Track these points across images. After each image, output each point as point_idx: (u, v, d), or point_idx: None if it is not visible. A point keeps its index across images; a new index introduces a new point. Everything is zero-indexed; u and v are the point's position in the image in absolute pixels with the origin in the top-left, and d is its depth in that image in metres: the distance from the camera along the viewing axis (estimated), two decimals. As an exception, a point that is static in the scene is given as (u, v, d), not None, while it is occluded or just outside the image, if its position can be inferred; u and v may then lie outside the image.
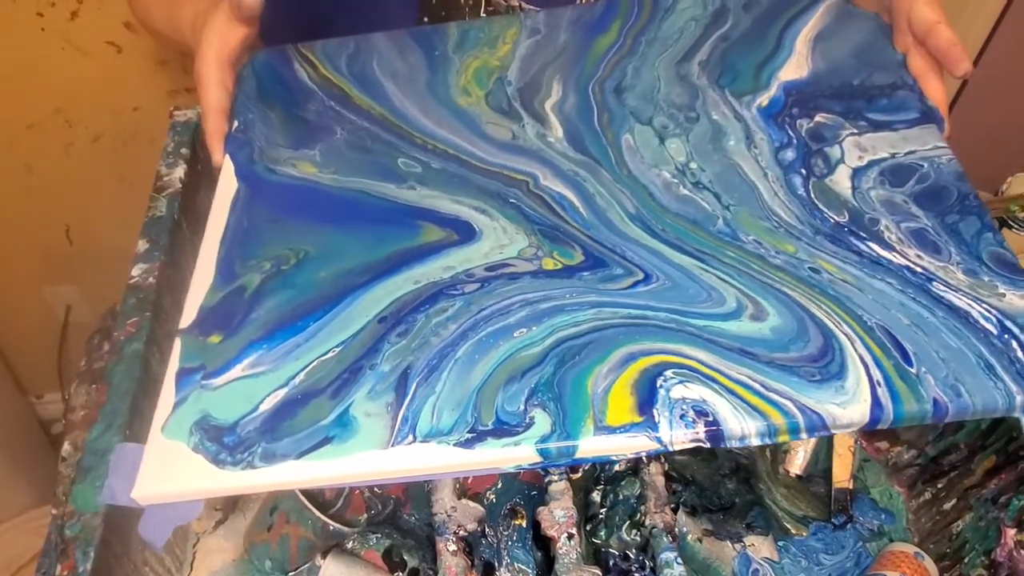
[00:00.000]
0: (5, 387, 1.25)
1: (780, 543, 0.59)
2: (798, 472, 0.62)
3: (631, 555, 0.56)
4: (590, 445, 0.38)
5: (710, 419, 0.38)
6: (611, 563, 0.56)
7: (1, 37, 0.89)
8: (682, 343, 0.42)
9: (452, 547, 0.54)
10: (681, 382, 0.39)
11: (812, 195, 0.48)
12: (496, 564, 0.56)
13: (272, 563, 0.56)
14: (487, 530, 0.57)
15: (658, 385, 0.39)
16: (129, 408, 0.48)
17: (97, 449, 0.46)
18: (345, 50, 0.58)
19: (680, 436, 0.38)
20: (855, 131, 0.51)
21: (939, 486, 0.61)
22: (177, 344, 0.43)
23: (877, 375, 0.39)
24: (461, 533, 0.56)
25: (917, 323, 0.42)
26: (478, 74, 0.56)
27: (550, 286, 0.44)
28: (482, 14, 0.65)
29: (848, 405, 0.38)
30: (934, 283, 0.43)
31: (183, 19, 0.59)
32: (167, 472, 0.38)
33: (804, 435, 0.39)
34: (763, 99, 0.53)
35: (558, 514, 0.55)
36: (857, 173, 0.49)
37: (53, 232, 1.13)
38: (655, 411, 0.38)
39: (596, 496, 0.59)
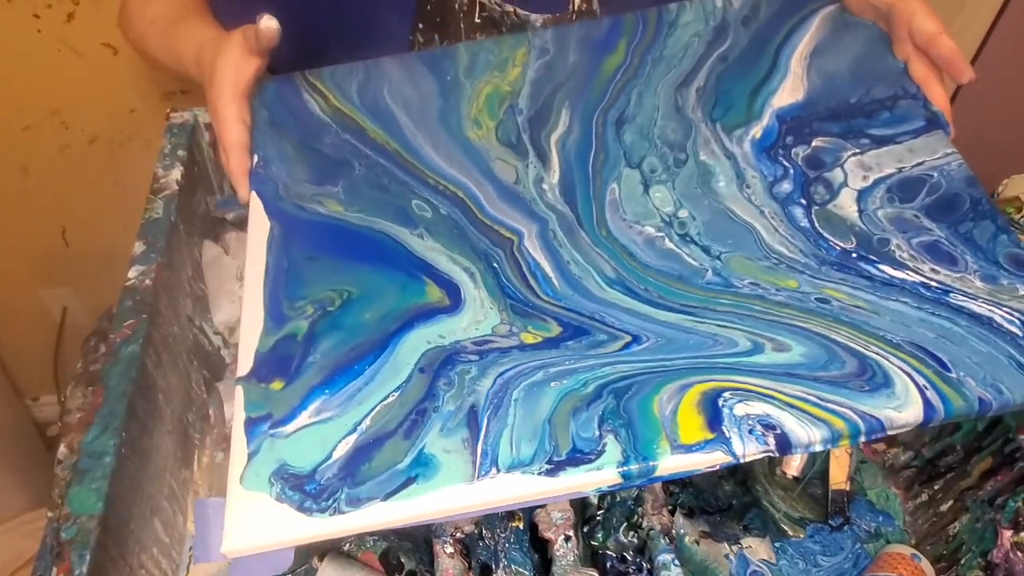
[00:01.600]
0: (1, 389, 1.24)
1: (777, 545, 0.59)
2: (795, 474, 0.62)
3: (628, 557, 0.56)
4: (669, 463, 0.39)
5: (778, 431, 0.40)
6: (608, 565, 0.56)
7: (-3, 39, 0.89)
8: (725, 373, 0.42)
9: (449, 549, 0.54)
10: (741, 401, 0.41)
11: (816, 224, 0.48)
12: (493, 566, 0.56)
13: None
14: (484, 532, 0.57)
15: (720, 405, 0.41)
16: (125, 410, 0.47)
17: (93, 452, 0.45)
18: (355, 77, 0.58)
19: (752, 448, 0.40)
20: (857, 151, 0.51)
21: (936, 488, 0.61)
22: (239, 392, 0.44)
23: (921, 381, 0.41)
24: (458, 535, 0.55)
25: (943, 335, 0.43)
26: (490, 101, 0.56)
27: (542, 356, 0.44)
28: (476, 20, 0.65)
29: (902, 408, 0.40)
30: (951, 295, 0.44)
31: (185, 50, 0.58)
32: (253, 524, 0.39)
33: (863, 438, 0.40)
34: (756, 131, 0.53)
35: (555, 516, 0.55)
36: (862, 194, 0.49)
37: (49, 234, 1.13)
38: (724, 428, 0.40)
39: (593, 498, 0.59)
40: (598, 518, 0.58)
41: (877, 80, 0.54)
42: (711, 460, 0.39)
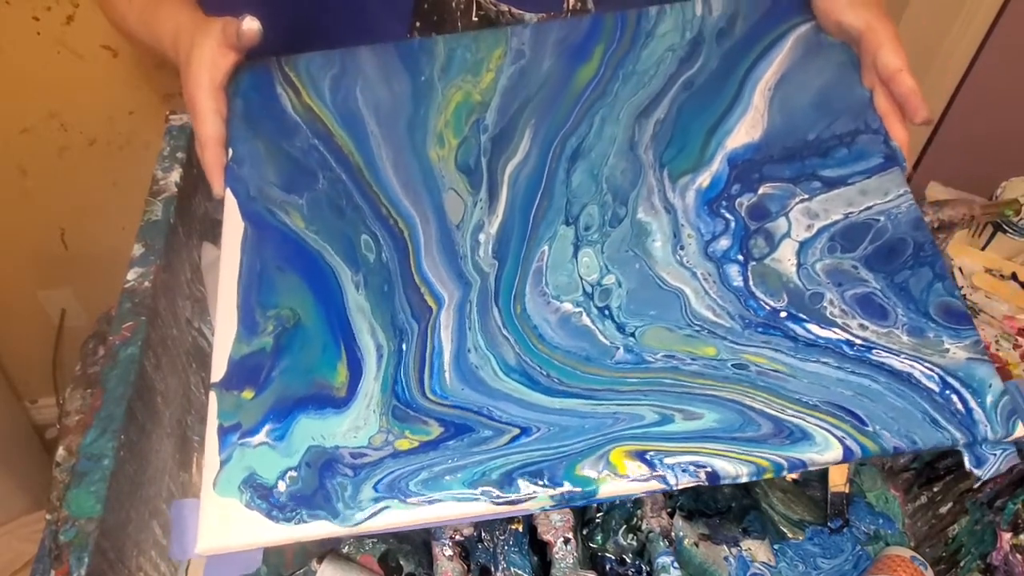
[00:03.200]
0: (0, 392, 1.24)
1: (776, 547, 0.59)
2: (794, 477, 0.62)
3: (628, 559, 0.56)
4: (608, 488, 0.43)
5: (708, 469, 0.43)
6: (608, 567, 0.56)
7: (-4, 41, 0.89)
8: (637, 441, 0.44)
9: (448, 552, 0.54)
10: (669, 455, 0.43)
11: (750, 282, 0.49)
12: (492, 569, 0.56)
13: (268, 568, 0.56)
14: (483, 535, 0.57)
15: (649, 459, 0.43)
16: (124, 413, 0.47)
17: (92, 454, 0.45)
18: (330, 69, 0.58)
19: (685, 480, 0.43)
20: (805, 197, 0.51)
21: (935, 490, 0.61)
22: (213, 399, 0.45)
23: (839, 433, 0.43)
24: (457, 538, 0.55)
25: (861, 392, 0.44)
26: (458, 113, 0.56)
27: (419, 459, 0.44)
28: (473, 19, 0.65)
29: (824, 452, 0.43)
30: (874, 351, 0.46)
31: (162, 29, 0.57)
32: (226, 526, 0.42)
33: (787, 472, 0.43)
34: (704, 178, 0.52)
35: (554, 518, 0.55)
36: (803, 246, 0.50)
37: (48, 236, 1.13)
38: (658, 470, 0.43)
39: (592, 500, 0.59)
40: (597, 520, 0.58)
41: (841, 112, 0.54)
42: (646, 487, 0.43)
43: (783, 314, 0.47)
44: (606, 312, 0.48)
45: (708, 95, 0.55)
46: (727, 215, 0.51)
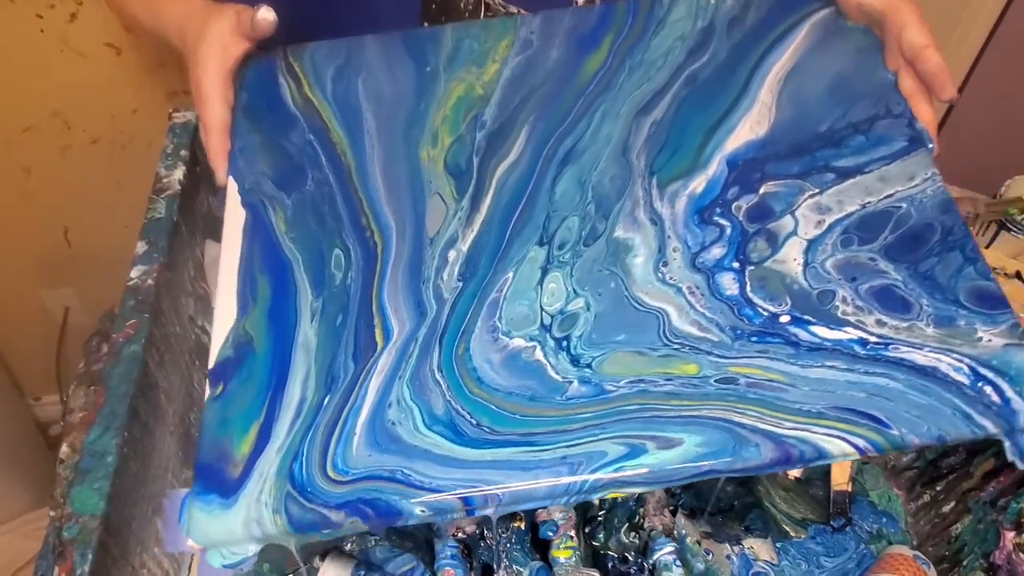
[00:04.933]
0: (3, 389, 1.24)
1: (779, 545, 0.59)
2: (797, 475, 0.62)
3: (630, 557, 0.56)
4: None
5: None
6: (610, 565, 0.56)
7: (0, 38, 0.89)
8: (601, 491, 0.41)
9: (451, 550, 0.54)
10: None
11: (747, 288, 0.45)
12: (495, 566, 0.56)
13: (270, 564, 0.56)
14: (486, 532, 0.57)
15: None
16: (127, 410, 0.47)
17: (95, 451, 0.46)
18: (335, 59, 0.57)
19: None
20: (815, 191, 0.48)
21: (938, 489, 0.61)
22: (207, 393, 0.45)
23: (859, 442, 0.40)
24: (460, 535, 0.55)
25: (877, 392, 0.41)
26: (457, 108, 0.55)
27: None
28: (482, 19, 0.65)
29: (846, 457, 0.40)
30: (891, 347, 0.42)
31: (168, 15, 0.56)
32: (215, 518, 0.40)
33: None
34: (698, 184, 0.50)
35: (557, 517, 0.55)
36: (812, 244, 0.47)
37: (51, 234, 1.13)
38: None
39: (595, 499, 0.59)
40: (599, 519, 0.58)
41: (859, 98, 0.52)
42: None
43: (784, 318, 0.44)
44: (563, 344, 0.45)
45: (713, 90, 0.54)
46: (722, 221, 0.48)
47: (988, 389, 0.40)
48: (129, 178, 1.07)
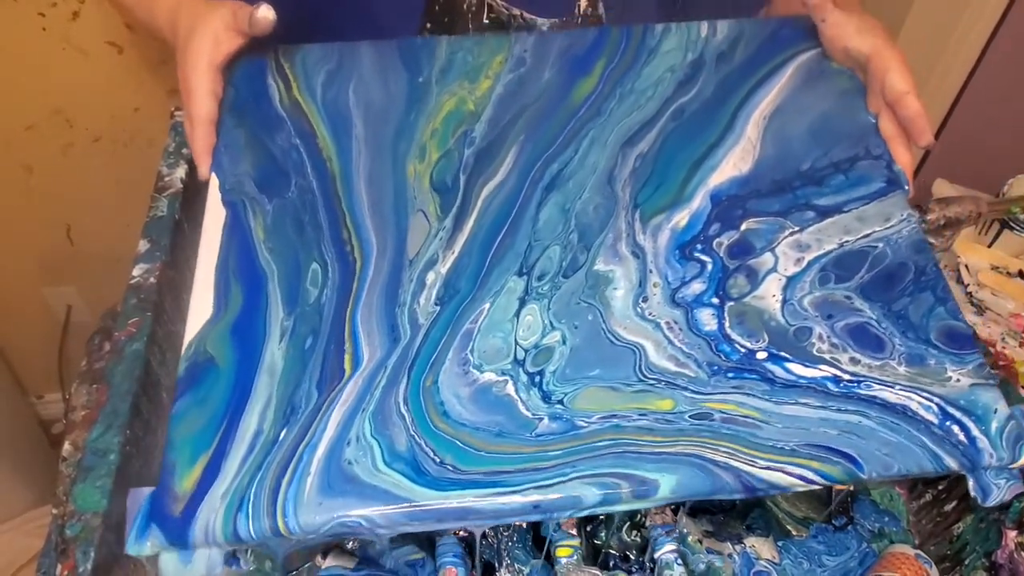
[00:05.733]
0: (5, 387, 1.25)
1: (780, 544, 0.59)
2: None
3: (631, 556, 0.56)
4: None
5: None
6: (611, 564, 0.56)
7: (2, 37, 0.89)
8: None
9: (452, 549, 0.54)
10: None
11: (725, 324, 0.46)
12: (496, 565, 0.56)
13: (272, 562, 0.56)
14: (487, 531, 0.57)
15: None
16: (129, 408, 0.48)
17: (97, 449, 0.46)
18: (326, 64, 0.57)
19: None
20: (795, 229, 0.49)
21: (940, 488, 0.61)
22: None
23: (832, 474, 0.41)
24: (461, 534, 0.55)
25: (849, 430, 0.42)
26: (447, 122, 0.54)
27: None
28: (484, 21, 0.65)
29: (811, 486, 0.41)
30: (863, 385, 0.43)
31: (161, 6, 0.56)
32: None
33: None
34: (681, 218, 0.50)
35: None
36: (791, 281, 0.47)
37: (54, 233, 1.13)
38: None
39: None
40: (601, 517, 0.58)
41: (840, 139, 0.53)
42: None
43: (761, 355, 0.44)
44: (536, 379, 0.44)
45: (699, 125, 0.54)
46: (703, 257, 0.48)
47: (955, 428, 0.42)
48: (131, 176, 1.07)
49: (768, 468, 0.40)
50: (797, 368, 0.44)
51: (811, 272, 0.48)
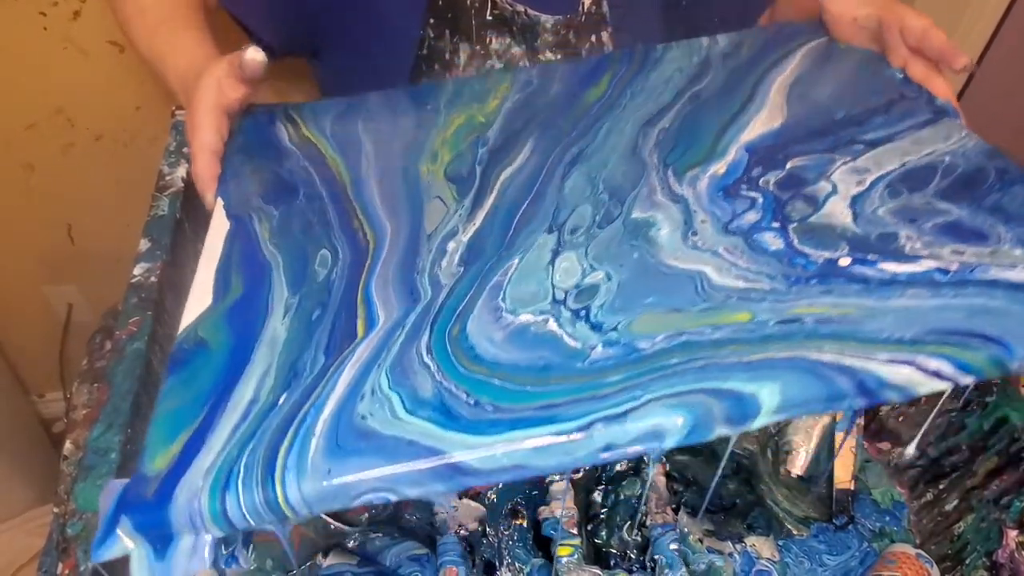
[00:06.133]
0: (7, 386, 1.25)
1: (781, 543, 0.59)
2: (799, 473, 0.62)
3: (632, 555, 0.56)
4: None
5: None
6: (612, 563, 0.56)
7: (3, 36, 0.89)
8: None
9: (453, 547, 0.54)
10: None
11: (795, 242, 0.41)
12: (497, 564, 0.56)
13: (273, 561, 0.56)
14: (488, 530, 0.57)
15: None
16: (130, 407, 0.48)
17: (99, 448, 0.46)
18: (335, 110, 0.58)
19: None
20: (847, 159, 0.46)
21: (941, 487, 0.61)
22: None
23: (962, 377, 0.34)
24: (462, 533, 0.56)
25: (975, 314, 0.35)
26: (458, 132, 0.54)
27: None
28: (488, 17, 0.65)
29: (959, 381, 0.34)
30: (978, 270, 0.38)
31: (171, 62, 0.57)
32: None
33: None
34: (718, 168, 0.47)
35: (559, 514, 0.55)
36: (857, 199, 0.43)
37: (55, 232, 1.13)
38: None
39: (597, 496, 0.59)
40: (602, 517, 0.58)
41: (871, 92, 0.51)
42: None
43: (844, 261, 0.39)
44: (581, 313, 0.38)
45: (719, 100, 0.54)
46: (751, 194, 0.44)
47: None
48: (132, 175, 1.07)
49: (891, 363, 0.33)
50: (891, 266, 0.38)
51: (877, 189, 0.43)
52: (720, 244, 0.42)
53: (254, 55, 0.50)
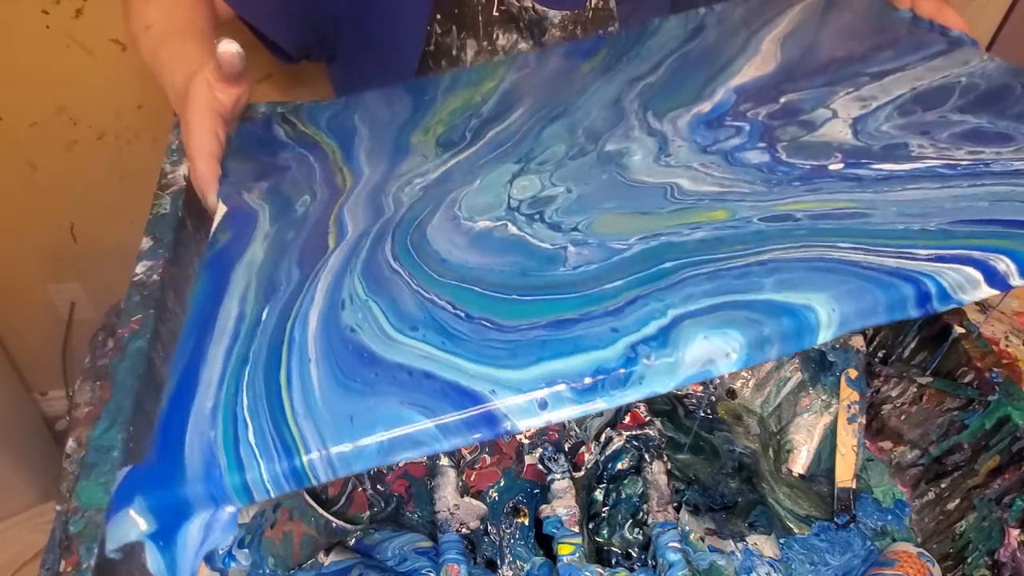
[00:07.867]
0: (9, 384, 1.25)
1: (782, 542, 0.59)
2: (801, 471, 0.62)
3: (633, 553, 0.56)
4: None
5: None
6: (613, 562, 0.56)
7: (5, 35, 0.90)
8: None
9: (455, 546, 0.54)
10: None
11: (781, 156, 0.38)
12: (498, 562, 0.56)
13: (275, 560, 0.56)
14: (489, 528, 0.57)
15: None
16: (133, 405, 0.48)
17: (101, 446, 0.46)
18: (331, 108, 0.59)
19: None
20: (850, 89, 0.43)
21: (942, 486, 0.61)
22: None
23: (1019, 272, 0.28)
24: (463, 531, 0.56)
25: (1004, 199, 0.30)
26: (454, 112, 0.54)
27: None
28: (494, 13, 0.65)
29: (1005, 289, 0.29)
30: (997, 164, 0.33)
31: (169, 76, 0.56)
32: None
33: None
34: (703, 107, 0.45)
35: (560, 512, 0.55)
36: (859, 120, 0.40)
37: (57, 230, 1.13)
38: None
39: (599, 495, 0.59)
40: (603, 515, 0.58)
41: (877, 32, 0.48)
42: None
43: (836, 166, 0.35)
44: (535, 217, 0.37)
45: (709, 52, 0.52)
46: (737, 123, 0.42)
47: None
48: (134, 173, 1.07)
49: (938, 260, 0.27)
50: (891, 166, 0.34)
51: (885, 110, 0.40)
52: (695, 160, 0.39)
53: (227, 47, 0.49)
